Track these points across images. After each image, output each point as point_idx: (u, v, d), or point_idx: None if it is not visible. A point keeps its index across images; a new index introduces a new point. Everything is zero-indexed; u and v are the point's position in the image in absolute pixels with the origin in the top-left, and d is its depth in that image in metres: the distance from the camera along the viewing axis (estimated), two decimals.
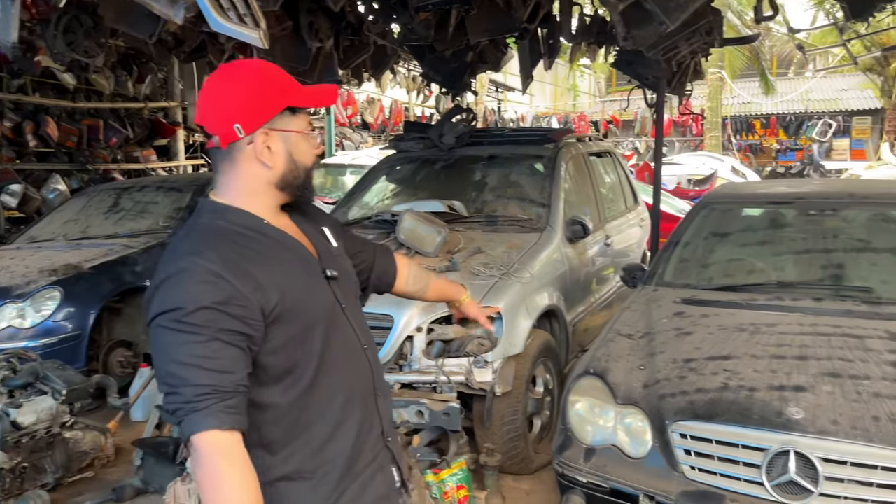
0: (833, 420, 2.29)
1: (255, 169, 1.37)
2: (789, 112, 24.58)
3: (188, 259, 1.27)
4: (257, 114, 1.34)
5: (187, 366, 1.21)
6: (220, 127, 1.34)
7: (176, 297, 1.24)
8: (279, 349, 1.32)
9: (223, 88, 1.36)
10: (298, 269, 1.40)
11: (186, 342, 1.22)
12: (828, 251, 3.53)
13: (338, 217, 4.91)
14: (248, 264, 1.30)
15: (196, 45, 7.18)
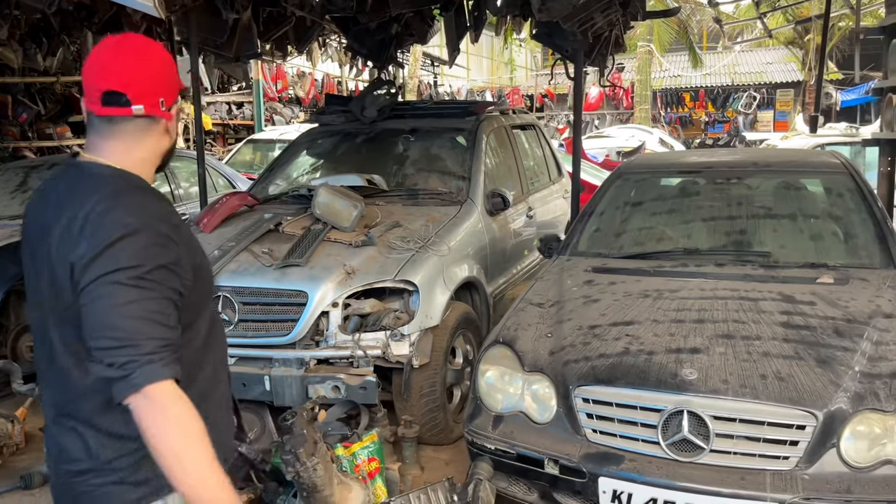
0: (724, 379, 2.38)
1: (160, 140, 1.49)
2: (717, 85, 25.22)
3: (140, 220, 1.34)
4: (174, 91, 1.48)
5: (146, 320, 1.29)
6: (148, 97, 1.43)
7: (135, 255, 1.31)
8: (190, 306, 1.43)
9: (148, 61, 1.44)
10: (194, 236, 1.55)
11: (144, 298, 1.30)
12: (732, 218, 3.65)
13: (256, 192, 4.82)
14: (182, 228, 1.44)
15: (109, 17, 6.88)
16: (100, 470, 1.42)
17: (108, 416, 1.40)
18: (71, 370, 1.41)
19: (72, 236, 1.34)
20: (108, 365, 1.28)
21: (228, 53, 6.09)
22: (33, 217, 1.47)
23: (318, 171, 5.13)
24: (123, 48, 1.43)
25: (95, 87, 1.41)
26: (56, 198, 1.43)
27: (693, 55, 20.57)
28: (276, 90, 15.52)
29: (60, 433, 1.46)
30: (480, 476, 2.58)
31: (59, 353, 1.42)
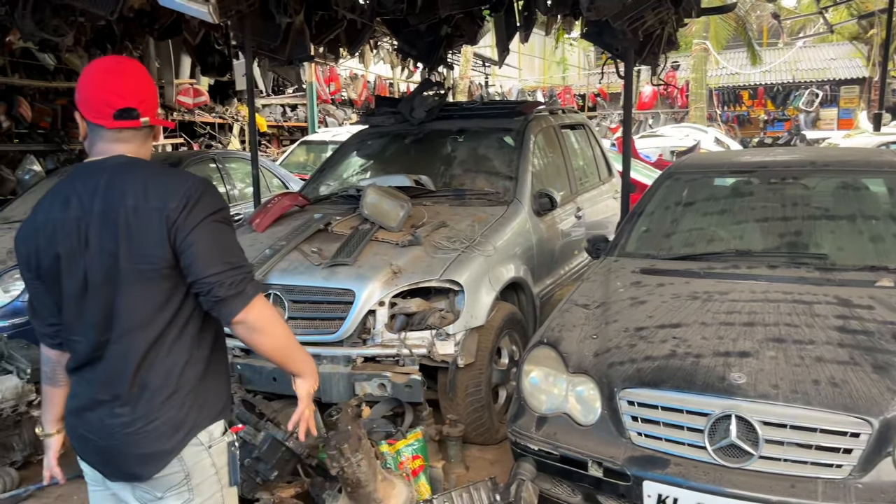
0: (774, 384, 2.32)
1: (150, 143, 1.77)
2: (777, 82, 24.51)
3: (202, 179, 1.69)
4: (157, 103, 1.79)
5: (240, 249, 1.69)
6: (151, 111, 1.73)
7: (219, 200, 1.68)
8: None
9: (148, 82, 1.74)
10: None
11: (233, 232, 1.70)
12: (787, 219, 3.55)
13: (307, 193, 4.91)
14: None
15: (169, 23, 7.11)
16: (149, 417, 1.64)
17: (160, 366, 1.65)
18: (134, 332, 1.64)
19: (149, 203, 1.60)
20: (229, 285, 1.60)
21: (282, 57, 6.23)
22: (63, 216, 1.64)
23: (367, 172, 5.20)
24: (126, 71, 1.70)
25: (106, 104, 1.65)
26: (101, 190, 1.63)
27: (752, 52, 20.03)
28: (329, 92, 15.76)
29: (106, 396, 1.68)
30: (523, 476, 2.58)
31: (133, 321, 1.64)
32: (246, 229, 4.31)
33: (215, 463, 1.73)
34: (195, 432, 1.68)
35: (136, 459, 1.66)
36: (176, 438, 1.66)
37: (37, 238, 1.66)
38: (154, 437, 1.65)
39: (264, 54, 6.38)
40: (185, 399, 1.66)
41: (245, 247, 3.93)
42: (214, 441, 1.72)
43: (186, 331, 1.67)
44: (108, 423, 1.66)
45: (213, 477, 1.73)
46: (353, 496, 2.53)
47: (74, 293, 1.64)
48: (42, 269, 1.67)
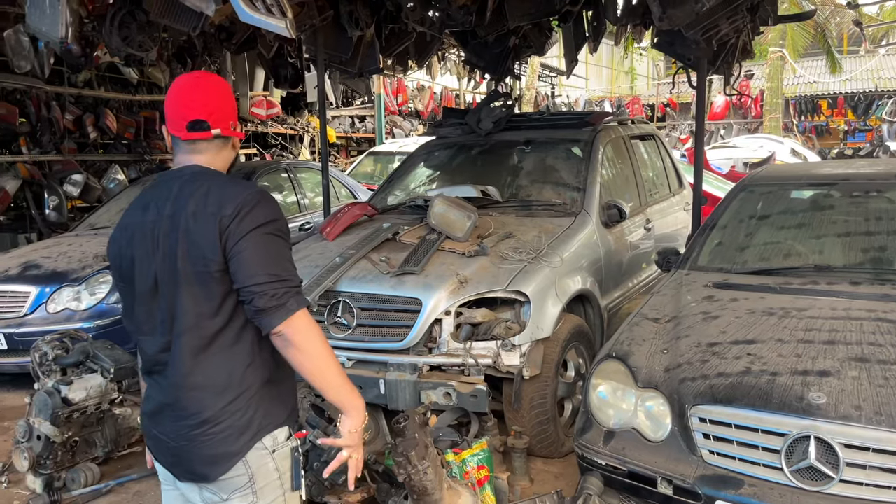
0: (856, 405, 2.23)
1: (230, 153, 1.86)
2: (858, 91, 23.48)
3: (262, 190, 1.74)
4: (234, 117, 1.85)
5: (290, 262, 1.70)
6: (222, 122, 1.80)
7: (274, 210, 1.71)
8: None
9: (223, 94, 1.82)
10: None
11: (285, 245, 1.71)
12: (870, 234, 3.41)
13: (376, 203, 4.99)
14: None
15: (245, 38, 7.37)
16: (215, 420, 1.69)
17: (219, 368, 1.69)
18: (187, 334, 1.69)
19: (207, 209, 1.66)
20: (271, 296, 1.61)
21: (352, 69, 6.37)
22: (142, 220, 1.75)
23: (435, 183, 5.25)
24: (200, 86, 1.79)
25: (181, 117, 1.76)
26: (173, 196, 1.72)
27: (831, 60, 19.26)
28: (396, 104, 15.98)
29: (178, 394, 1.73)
30: (590, 491, 2.55)
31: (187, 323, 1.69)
32: (317, 237, 4.42)
33: (279, 467, 1.75)
34: (260, 436, 1.72)
35: (204, 461, 1.70)
36: (241, 441, 1.69)
37: (120, 241, 1.77)
38: (220, 439, 1.69)
39: (335, 67, 6.53)
40: (250, 402, 1.70)
41: (315, 255, 4.08)
42: (279, 446, 1.75)
43: (245, 335, 1.70)
44: (177, 424, 1.72)
45: (276, 481, 1.75)
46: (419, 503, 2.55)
47: (146, 294, 1.72)
48: (123, 271, 1.76)
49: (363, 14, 5.70)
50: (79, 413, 3.56)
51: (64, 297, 4.80)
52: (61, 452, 3.48)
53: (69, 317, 4.72)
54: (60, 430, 3.45)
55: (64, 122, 8.61)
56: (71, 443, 3.53)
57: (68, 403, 3.51)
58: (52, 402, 3.45)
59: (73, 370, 3.75)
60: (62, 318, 4.71)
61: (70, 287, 4.82)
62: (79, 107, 8.88)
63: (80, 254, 5.14)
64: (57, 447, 3.45)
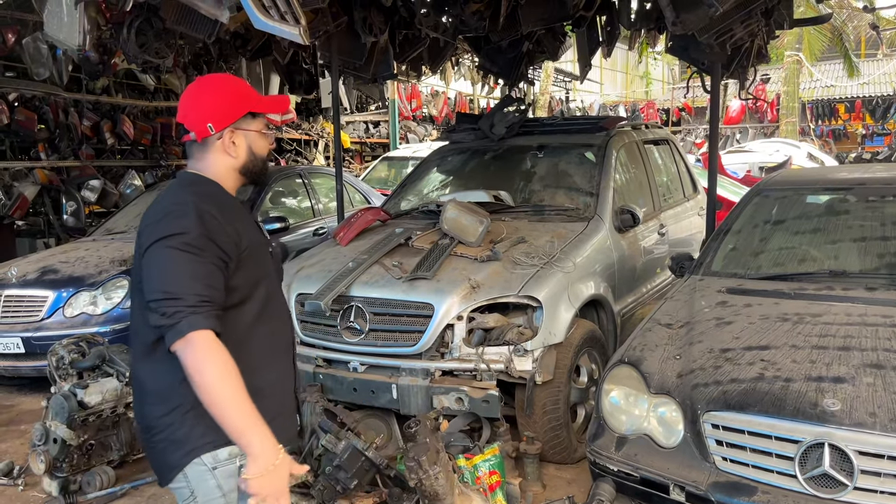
0: (871, 412, 2.21)
1: (222, 158, 1.75)
2: (876, 95, 23.26)
3: (189, 200, 1.63)
4: (225, 116, 1.71)
5: (192, 278, 1.55)
6: (196, 125, 1.71)
7: (182, 224, 1.58)
8: (237, 286, 1.66)
9: (199, 95, 1.73)
10: (259, 234, 1.82)
11: (190, 261, 1.56)
12: (886, 239, 3.37)
13: (389, 208, 5.01)
14: (232, 214, 1.69)
15: (260, 44, 7.43)
16: (155, 428, 1.67)
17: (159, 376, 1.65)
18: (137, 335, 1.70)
19: (146, 219, 1.68)
20: (161, 314, 1.53)
21: (366, 75, 6.40)
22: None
23: (447, 188, 5.26)
24: (189, 89, 1.75)
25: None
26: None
27: (848, 63, 19.09)
28: (410, 109, 16.03)
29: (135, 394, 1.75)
30: (602, 497, 2.54)
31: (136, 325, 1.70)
32: (330, 242, 4.44)
33: (221, 485, 1.67)
34: (198, 453, 1.64)
35: (156, 465, 1.73)
36: (178, 455, 1.65)
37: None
38: (160, 449, 1.67)
39: (349, 72, 6.57)
40: (185, 417, 1.62)
41: (329, 260, 4.10)
42: (221, 463, 1.66)
43: None
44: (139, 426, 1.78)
45: (219, 499, 1.68)
46: None
47: (134, 297, 1.76)
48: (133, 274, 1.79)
49: (377, 20, 5.74)
50: (94, 416, 3.59)
51: (81, 302, 4.85)
52: (77, 455, 3.51)
53: (86, 321, 4.77)
54: (76, 433, 3.48)
55: (82, 129, 8.73)
56: (86, 446, 3.56)
57: (84, 407, 3.54)
58: (68, 406, 3.48)
59: (90, 374, 3.79)
60: (79, 323, 4.76)
61: (87, 291, 4.87)
62: (96, 113, 9.00)
63: (97, 259, 5.20)
64: (73, 450, 3.48)
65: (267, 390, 1.70)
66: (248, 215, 1.82)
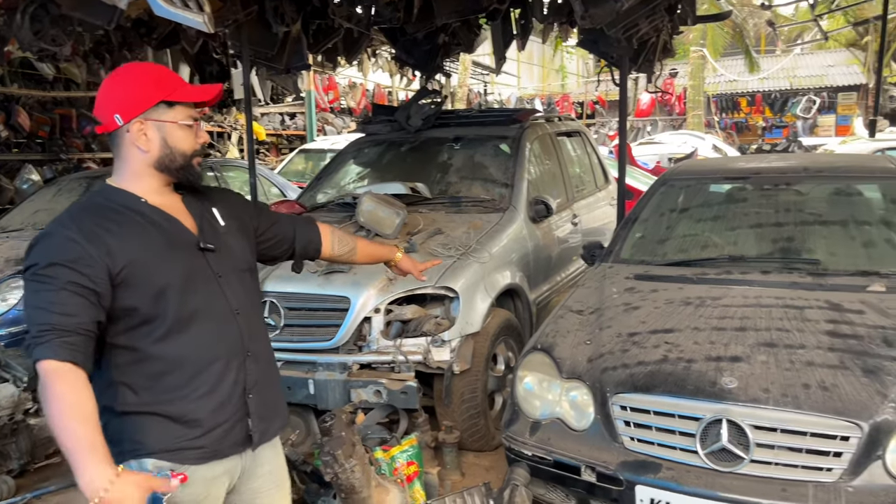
0: (765, 388, 2.33)
1: (133, 152, 1.63)
2: (775, 89, 24.58)
3: (52, 227, 1.57)
4: (133, 106, 1.59)
5: (38, 309, 1.48)
6: (104, 116, 1.61)
7: (36, 255, 1.52)
8: (134, 305, 1.56)
9: (110, 85, 1.62)
10: (160, 241, 1.63)
11: (39, 290, 1.50)
12: (780, 225, 3.57)
13: (304, 201, 4.93)
14: (105, 234, 1.55)
15: (167, 33, 7.14)
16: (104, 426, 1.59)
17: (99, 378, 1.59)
18: None
19: None
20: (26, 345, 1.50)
21: (279, 65, 6.25)
22: None
23: (364, 180, 5.22)
24: (105, 79, 1.65)
25: None
26: None
27: (749, 59, 20.10)
28: (327, 101, 15.81)
29: None
30: (517, 482, 2.58)
31: None
32: None
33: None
34: (124, 457, 1.59)
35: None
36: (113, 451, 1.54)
37: None
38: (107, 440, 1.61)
39: (262, 63, 6.40)
40: (111, 421, 1.59)
41: None
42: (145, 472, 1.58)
43: (106, 356, 1.60)
44: None
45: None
46: (348, 502, 2.54)
47: None
48: None
49: (288, 9, 5.61)
50: None
51: None
52: None
53: None
54: None
55: None
56: None
57: None
58: None
59: None
60: None
61: None
62: None
63: None
64: None
65: (189, 412, 1.61)
66: (145, 223, 1.63)
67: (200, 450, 1.64)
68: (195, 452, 1.63)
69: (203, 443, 1.63)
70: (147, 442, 1.60)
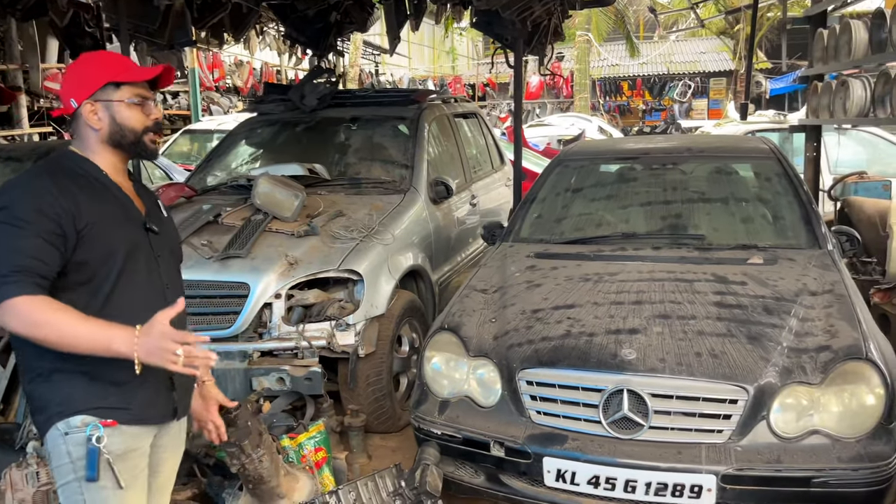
0: (661, 358, 2.46)
1: (87, 131, 1.77)
2: (653, 74, 25.79)
3: (25, 176, 1.69)
4: (82, 89, 1.74)
5: (11, 251, 1.58)
6: (64, 101, 1.78)
7: (7, 198, 1.63)
8: (86, 260, 1.67)
9: (67, 74, 1.82)
10: (117, 210, 1.76)
11: (12, 234, 1.58)
12: (668, 203, 3.76)
13: (194, 183, 4.71)
14: (76, 192, 1.67)
15: (33, 3, 6.59)
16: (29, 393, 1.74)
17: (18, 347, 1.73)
18: None
19: None
20: None
21: (161, 41, 5.92)
22: None
23: (258, 161, 5.05)
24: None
25: None
26: None
27: (630, 44, 20.95)
28: (212, 79, 15.13)
29: None
30: (427, 461, 2.60)
31: None
32: None
33: (70, 452, 1.70)
34: (55, 420, 1.70)
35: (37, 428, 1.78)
36: (41, 418, 1.72)
37: None
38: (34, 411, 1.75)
39: (142, 38, 6.04)
40: (42, 384, 1.70)
41: None
42: (72, 430, 1.70)
43: None
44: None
45: (68, 465, 1.72)
46: (256, 493, 2.47)
47: None
48: None
49: None
50: None
51: None
52: None
53: None
54: None
55: None
56: None
57: None
58: None
59: None
60: None
61: None
62: None
63: None
64: None
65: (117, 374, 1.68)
66: (107, 192, 1.75)
67: (127, 411, 1.72)
68: (122, 413, 1.72)
69: (130, 405, 1.72)
70: (74, 401, 1.69)
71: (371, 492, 2.53)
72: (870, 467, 2.22)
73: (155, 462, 1.88)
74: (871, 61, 4.96)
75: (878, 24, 4.76)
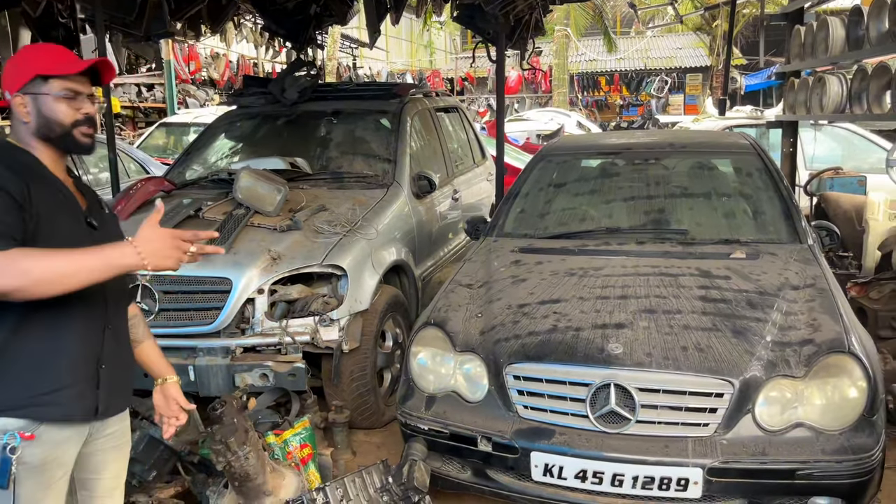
0: (647, 352, 2.47)
1: (18, 124, 1.74)
2: (631, 69, 25.97)
3: None
4: (13, 82, 1.72)
5: None
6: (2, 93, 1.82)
7: None
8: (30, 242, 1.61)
9: (5, 67, 1.77)
10: (61, 201, 1.74)
11: None
12: (650, 197, 3.77)
13: (173, 177, 4.64)
14: (24, 178, 1.63)
15: None
16: None
17: None
18: None
19: None
20: None
21: (138, 32, 5.83)
22: None
23: (238, 155, 4.99)
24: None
25: None
26: None
27: (608, 40, 21.05)
28: (188, 72, 14.94)
29: None
30: (415, 457, 2.60)
31: None
32: None
33: None
34: None
35: None
36: None
37: None
38: None
39: (118, 29, 5.95)
40: None
41: None
42: None
43: None
44: None
45: None
46: (241, 490, 2.44)
47: None
48: None
49: None
50: None
51: None
52: None
53: None
54: None
55: None
56: None
57: None
58: None
59: None
60: None
61: None
62: None
63: None
64: None
65: (48, 359, 1.67)
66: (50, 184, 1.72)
67: (51, 407, 1.66)
68: (46, 410, 1.66)
69: (54, 399, 1.66)
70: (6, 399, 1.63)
71: (358, 488, 2.51)
72: (853, 459, 2.25)
73: (95, 465, 1.84)
74: (849, 58, 5.03)
75: (855, 20, 4.83)
